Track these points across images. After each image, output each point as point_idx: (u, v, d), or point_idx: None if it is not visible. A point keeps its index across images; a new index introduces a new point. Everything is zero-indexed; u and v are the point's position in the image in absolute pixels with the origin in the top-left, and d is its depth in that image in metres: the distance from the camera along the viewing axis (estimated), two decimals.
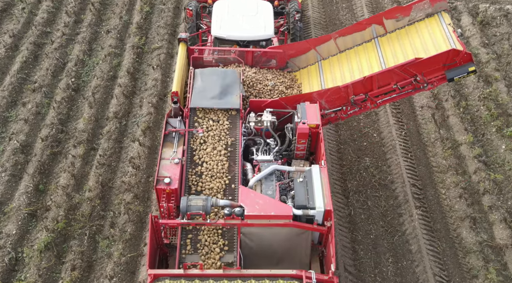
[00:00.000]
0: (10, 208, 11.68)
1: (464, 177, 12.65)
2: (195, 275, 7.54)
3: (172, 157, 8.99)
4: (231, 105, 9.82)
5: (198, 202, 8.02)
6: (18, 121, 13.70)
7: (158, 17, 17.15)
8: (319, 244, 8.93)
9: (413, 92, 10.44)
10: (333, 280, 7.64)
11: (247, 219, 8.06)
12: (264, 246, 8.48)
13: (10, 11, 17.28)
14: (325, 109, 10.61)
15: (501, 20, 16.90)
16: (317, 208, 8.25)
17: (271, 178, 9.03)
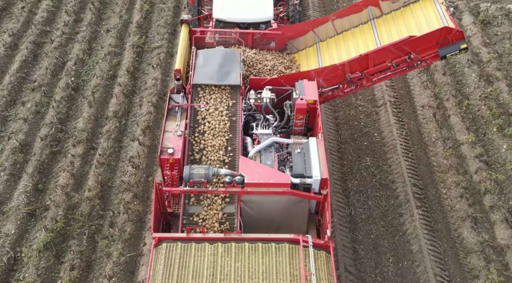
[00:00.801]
0: (9, 207, 11.64)
1: (465, 177, 12.59)
2: (197, 238, 7.88)
3: (175, 129, 9.36)
4: (231, 81, 10.18)
5: (200, 171, 8.46)
6: (18, 120, 13.65)
7: (158, 16, 17.10)
8: (316, 213, 9.35)
9: (407, 70, 10.74)
10: (329, 244, 8.06)
11: (247, 187, 8.45)
12: (263, 214, 8.84)
13: (10, 10, 17.24)
14: (322, 87, 10.96)
15: (502, 20, 16.83)
16: (314, 176, 8.68)
17: (270, 149, 9.48)
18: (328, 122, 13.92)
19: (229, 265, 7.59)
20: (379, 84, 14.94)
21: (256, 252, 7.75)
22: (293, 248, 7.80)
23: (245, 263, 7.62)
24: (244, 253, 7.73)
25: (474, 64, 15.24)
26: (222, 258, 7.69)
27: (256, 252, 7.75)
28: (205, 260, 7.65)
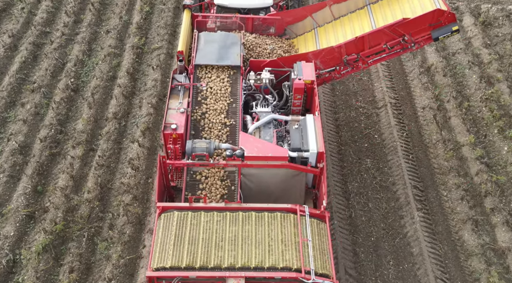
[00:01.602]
0: (8, 209, 11.60)
1: (466, 179, 12.54)
2: (199, 208, 8.36)
3: (178, 107, 9.79)
4: (232, 62, 10.65)
5: (202, 145, 9.03)
6: (17, 122, 13.61)
7: (158, 17, 17.06)
8: (313, 188, 9.80)
9: (401, 52, 11.14)
10: (324, 214, 8.56)
11: (247, 160, 8.94)
12: (262, 187, 9.28)
13: (10, 11, 17.20)
14: (320, 69, 11.33)
15: (503, 21, 16.78)
16: (311, 150, 9.16)
17: (269, 126, 10.00)
18: (328, 123, 13.87)
19: (230, 231, 8.05)
20: (379, 86, 14.90)
21: (262, 220, 8.20)
22: (290, 216, 8.31)
23: (245, 229, 8.08)
24: (249, 221, 8.17)
25: (475, 66, 15.19)
26: (224, 225, 8.10)
27: (262, 220, 8.20)
28: (214, 227, 8.06)
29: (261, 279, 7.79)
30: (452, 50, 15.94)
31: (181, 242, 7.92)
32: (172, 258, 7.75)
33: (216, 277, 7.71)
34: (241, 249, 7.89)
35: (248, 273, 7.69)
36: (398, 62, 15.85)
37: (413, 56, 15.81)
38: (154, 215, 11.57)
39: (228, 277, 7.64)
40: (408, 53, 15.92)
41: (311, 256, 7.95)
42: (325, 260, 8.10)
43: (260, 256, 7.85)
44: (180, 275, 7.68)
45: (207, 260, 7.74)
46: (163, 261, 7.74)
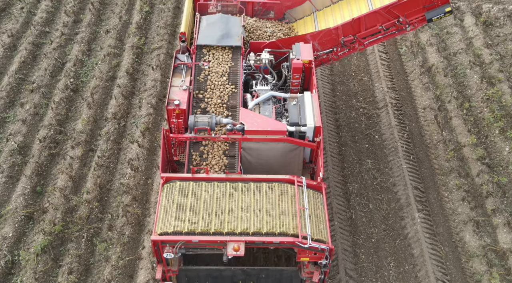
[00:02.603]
0: (7, 210, 11.54)
1: (467, 180, 12.48)
2: (201, 178, 8.79)
3: (181, 84, 10.15)
4: (232, 43, 11.01)
5: (204, 119, 9.45)
6: (16, 122, 13.55)
7: (158, 17, 17.00)
8: (310, 162, 10.18)
9: (396, 33, 11.51)
10: (321, 185, 8.96)
11: (247, 134, 9.32)
12: (262, 161, 9.65)
13: (9, 11, 17.15)
14: (317, 51, 11.72)
15: (504, 21, 16.71)
16: (308, 124, 9.53)
17: (268, 102, 10.34)
18: (328, 124, 13.81)
19: (230, 200, 8.48)
20: (380, 86, 14.84)
21: (260, 190, 8.65)
22: (288, 186, 8.78)
23: (244, 198, 8.55)
24: (248, 191, 8.62)
25: (476, 66, 15.13)
26: (224, 195, 8.52)
27: (260, 190, 8.66)
28: (214, 197, 8.50)
29: (259, 244, 8.15)
30: (453, 50, 15.87)
31: (183, 209, 8.32)
32: (175, 224, 8.14)
33: (217, 242, 8.07)
34: (240, 217, 8.27)
35: (248, 237, 8.04)
36: (398, 62, 15.79)
37: (414, 56, 15.75)
38: (153, 215, 11.52)
39: (229, 241, 8.00)
40: (409, 53, 15.86)
41: (307, 223, 8.30)
42: (321, 227, 8.46)
43: (259, 223, 8.20)
44: (183, 239, 8.02)
45: (208, 226, 8.12)
46: (167, 226, 8.14)
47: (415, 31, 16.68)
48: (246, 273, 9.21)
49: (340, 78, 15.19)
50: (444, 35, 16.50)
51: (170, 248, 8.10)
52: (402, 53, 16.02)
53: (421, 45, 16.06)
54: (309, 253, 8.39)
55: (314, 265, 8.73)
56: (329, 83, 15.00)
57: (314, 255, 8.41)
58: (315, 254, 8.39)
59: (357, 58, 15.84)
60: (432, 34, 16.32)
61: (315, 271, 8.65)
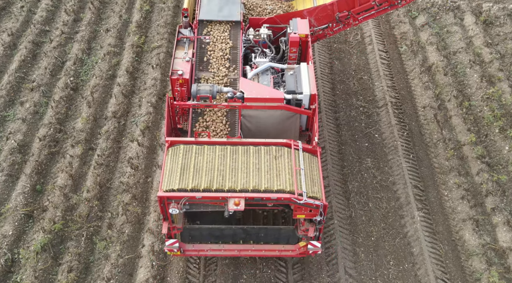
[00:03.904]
0: (7, 208, 11.55)
1: (466, 179, 12.47)
2: (203, 142, 9.31)
3: (184, 56, 10.70)
4: (233, 18, 11.61)
5: (206, 88, 9.91)
6: (16, 121, 13.56)
7: (158, 16, 17.00)
8: (306, 130, 10.70)
9: (389, 9, 11.97)
10: (316, 149, 9.50)
11: (246, 102, 9.81)
12: (260, 128, 10.15)
13: (9, 9, 17.15)
14: (314, 27, 12.30)
15: (504, 20, 16.70)
16: (304, 92, 10.04)
17: (266, 73, 10.84)
18: (328, 123, 13.81)
19: (230, 162, 9.01)
20: (380, 85, 14.84)
21: (259, 152, 9.17)
22: (285, 149, 9.30)
23: (243, 160, 9.06)
24: (247, 153, 9.17)
25: (476, 65, 15.12)
26: (225, 157, 9.05)
27: (258, 152, 9.18)
28: (216, 158, 9.03)
29: (258, 200, 8.66)
30: (453, 49, 15.87)
31: (187, 169, 8.87)
32: (179, 182, 8.69)
33: (219, 198, 8.61)
34: (240, 176, 8.81)
35: (248, 194, 8.56)
36: (398, 61, 15.78)
37: (414, 55, 15.74)
38: (153, 214, 11.54)
39: (230, 197, 8.50)
40: (409, 52, 15.85)
41: (303, 181, 8.82)
42: (315, 186, 8.98)
43: (257, 181, 8.72)
44: (187, 196, 8.55)
45: (210, 184, 8.66)
46: (172, 184, 8.69)
47: (415, 30, 16.67)
48: (246, 232, 9.80)
49: (340, 77, 15.19)
50: (444, 34, 16.50)
51: (175, 204, 8.66)
52: (402, 52, 16.01)
53: (421, 44, 16.05)
54: (305, 210, 8.86)
55: (310, 223, 9.34)
56: (329, 82, 15.00)
57: (310, 212, 8.91)
58: (310, 211, 8.89)
59: (357, 57, 15.84)
60: (432, 33, 16.31)
61: (310, 227, 9.28)
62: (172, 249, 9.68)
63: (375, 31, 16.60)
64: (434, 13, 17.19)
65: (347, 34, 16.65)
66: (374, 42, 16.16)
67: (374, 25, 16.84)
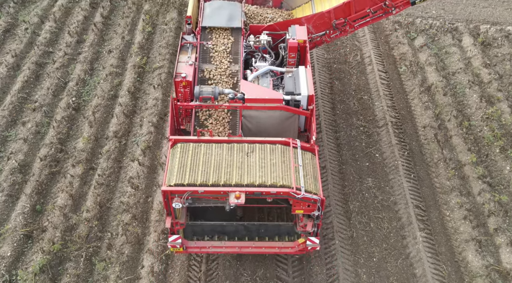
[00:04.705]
0: (6, 229, 11.48)
1: (468, 199, 12.41)
2: (205, 140, 9.68)
3: (187, 60, 11.15)
4: (234, 24, 12.19)
5: (208, 89, 10.38)
6: (17, 141, 13.60)
7: (160, 37, 17.23)
8: (305, 131, 11.08)
9: (384, 16, 12.45)
10: (314, 147, 9.87)
11: (247, 102, 10.21)
12: (260, 128, 10.51)
13: (13, 32, 17.40)
14: (312, 34, 12.73)
15: (502, 41, 16.91)
16: (302, 93, 10.47)
17: (266, 76, 11.33)
18: (329, 142, 13.83)
19: (232, 159, 9.32)
20: (380, 105, 14.91)
21: (257, 151, 9.49)
22: (283, 147, 9.70)
23: (239, 157, 9.37)
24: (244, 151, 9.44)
25: (475, 85, 15.23)
26: (224, 155, 9.37)
27: (256, 151, 9.50)
28: (217, 156, 9.36)
29: (258, 195, 8.97)
30: (452, 70, 16.01)
31: (188, 166, 9.18)
32: (182, 178, 9.02)
33: (221, 192, 8.95)
34: (240, 172, 9.13)
35: (248, 188, 8.87)
36: (398, 81, 15.91)
37: (413, 75, 15.87)
38: (153, 234, 11.45)
39: (231, 191, 8.84)
40: (408, 73, 15.98)
41: (301, 177, 9.14)
42: (313, 182, 9.30)
43: (257, 177, 9.04)
44: (189, 190, 8.88)
45: (211, 179, 9.00)
46: (175, 179, 9.01)
47: (414, 51, 16.85)
48: (247, 228, 10.11)
49: (340, 97, 15.28)
50: (443, 54, 16.67)
51: (178, 198, 8.96)
52: (401, 73, 16.15)
53: (420, 65, 16.21)
54: (303, 205, 9.14)
55: (308, 218, 9.63)
56: (329, 102, 15.09)
57: (308, 208, 9.18)
58: (309, 206, 9.15)
59: (357, 77, 15.98)
60: (431, 54, 16.48)
61: (309, 222, 9.56)
62: (175, 245, 9.88)
63: (375, 52, 16.78)
64: (432, 35, 17.41)
65: (347, 54, 16.83)
66: (373, 63, 16.32)
67: (373, 46, 17.04)
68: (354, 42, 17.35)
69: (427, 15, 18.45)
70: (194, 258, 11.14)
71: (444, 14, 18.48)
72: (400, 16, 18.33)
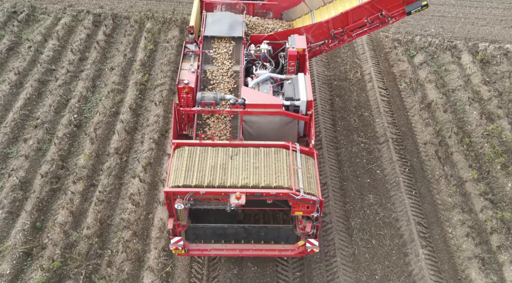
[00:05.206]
0: (6, 246, 11.40)
1: (470, 216, 12.35)
2: (207, 144, 9.92)
3: (189, 68, 11.51)
4: (235, 34, 12.56)
5: (210, 95, 10.75)
6: (19, 157, 13.62)
7: (161, 55, 17.40)
8: (304, 136, 11.32)
9: (380, 26, 12.82)
10: (313, 151, 10.12)
11: (248, 108, 10.55)
12: (261, 133, 10.75)
13: (17, 50, 17.59)
14: (311, 43, 13.12)
15: (501, 59, 17.06)
16: (301, 99, 10.77)
17: (266, 82, 11.69)
18: (330, 159, 13.84)
19: (233, 162, 9.56)
20: (380, 121, 14.97)
21: (259, 154, 9.74)
22: (283, 151, 9.87)
23: (244, 160, 9.61)
24: (248, 154, 9.74)
25: (475, 102, 15.30)
26: (226, 157, 9.61)
27: (258, 153, 9.75)
28: (218, 158, 9.61)
29: (258, 196, 9.14)
30: (451, 87, 16.11)
31: (191, 168, 9.45)
32: (184, 179, 9.24)
33: (222, 194, 9.12)
34: (240, 174, 9.35)
35: (248, 189, 9.06)
36: (398, 98, 15.99)
37: (413, 92, 15.97)
38: (154, 251, 11.37)
39: (231, 192, 9.02)
40: (408, 90, 16.08)
41: (300, 179, 9.37)
42: (312, 184, 9.49)
43: (257, 178, 9.26)
44: (191, 191, 9.09)
45: (213, 181, 9.24)
46: (178, 181, 9.25)
47: (414, 68, 16.99)
48: (247, 231, 10.30)
49: (341, 114, 15.35)
50: (442, 72, 16.80)
51: (180, 200, 9.15)
52: (401, 89, 16.25)
53: (420, 82, 16.32)
54: (302, 207, 9.33)
55: (307, 220, 9.80)
56: (330, 118, 15.15)
57: (307, 209, 9.37)
58: (308, 208, 9.34)
59: (358, 94, 16.07)
60: (431, 71, 16.61)
61: (308, 224, 9.72)
62: (177, 247, 10.06)
63: (375, 69, 16.92)
64: (431, 52, 17.58)
65: (347, 72, 16.97)
66: (373, 80, 16.44)
67: (373, 63, 17.19)
68: (354, 59, 17.51)
69: (426, 33, 18.67)
70: (194, 275, 11.04)
71: (443, 32, 18.70)
72: (399, 34, 18.55)
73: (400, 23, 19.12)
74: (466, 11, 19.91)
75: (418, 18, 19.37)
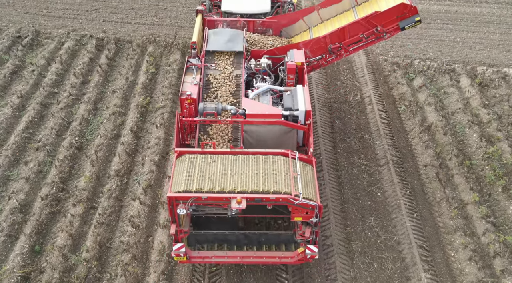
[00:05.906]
0: (3, 270, 11.28)
1: (472, 239, 12.24)
2: (209, 152, 10.21)
3: (192, 80, 11.90)
4: (236, 48, 13.08)
5: (211, 105, 11.20)
6: (19, 180, 13.61)
7: (163, 78, 17.59)
8: (303, 146, 11.62)
9: (376, 41, 13.22)
10: (311, 159, 10.42)
11: (248, 117, 10.90)
12: (261, 142, 11.06)
13: (20, 73, 17.80)
14: (309, 58, 13.57)
15: (499, 82, 17.22)
16: (300, 109, 11.12)
17: (266, 94, 12.14)
18: (330, 181, 13.82)
19: (233, 169, 9.82)
20: (381, 143, 15.01)
21: (257, 161, 10.01)
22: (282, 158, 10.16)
23: (243, 166, 9.87)
24: (247, 161, 9.99)
25: (474, 125, 15.37)
26: (227, 164, 9.88)
27: (257, 160, 10.02)
28: (219, 166, 9.86)
29: (258, 201, 9.34)
30: (451, 110, 16.22)
31: (193, 175, 9.68)
32: (186, 185, 9.47)
33: (223, 199, 9.35)
34: (241, 180, 9.58)
35: (248, 195, 9.28)
36: (398, 120, 16.08)
37: (413, 115, 16.06)
38: (153, 275, 11.24)
39: (232, 197, 9.21)
40: (408, 112, 16.19)
41: (299, 185, 9.58)
42: (311, 190, 9.71)
43: (257, 184, 9.48)
44: (193, 196, 9.30)
45: (214, 186, 9.46)
46: (180, 187, 9.46)
47: (413, 91, 17.13)
48: (248, 237, 10.57)
49: (341, 136, 15.41)
50: (442, 95, 16.94)
51: (182, 205, 9.36)
52: (401, 112, 16.36)
53: (419, 104, 16.43)
54: (302, 212, 9.50)
55: (306, 226, 9.98)
56: (330, 140, 15.20)
57: (306, 215, 9.56)
58: (307, 213, 9.53)
59: (358, 116, 16.17)
60: (430, 94, 16.75)
61: (307, 229, 9.93)
62: (179, 253, 10.16)
63: (374, 92, 17.07)
64: (430, 75, 17.77)
65: (347, 94, 17.11)
66: (373, 102, 16.56)
67: (373, 86, 17.36)
68: (354, 82, 17.68)
69: (425, 56, 18.91)
70: None
71: (441, 56, 18.94)
72: (398, 57, 18.78)
73: (399, 47, 19.40)
74: (463, 35, 20.22)
75: (417, 42, 19.66)
